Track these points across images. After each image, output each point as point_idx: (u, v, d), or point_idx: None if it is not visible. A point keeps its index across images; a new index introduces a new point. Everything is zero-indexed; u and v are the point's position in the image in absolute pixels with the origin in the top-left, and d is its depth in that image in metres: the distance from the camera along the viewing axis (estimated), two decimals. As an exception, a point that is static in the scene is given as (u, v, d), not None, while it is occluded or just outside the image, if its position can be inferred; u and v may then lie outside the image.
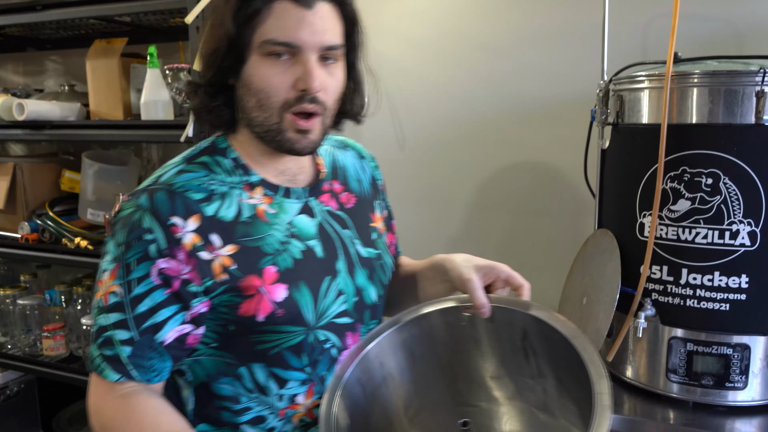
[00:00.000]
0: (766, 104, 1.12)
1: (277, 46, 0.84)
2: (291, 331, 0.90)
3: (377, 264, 1.03)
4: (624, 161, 1.32)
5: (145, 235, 0.83)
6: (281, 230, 0.91)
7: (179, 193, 0.86)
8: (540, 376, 0.95)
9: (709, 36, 1.56)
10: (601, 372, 0.82)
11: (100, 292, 0.86)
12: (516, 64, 1.78)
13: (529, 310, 0.92)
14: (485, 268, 0.97)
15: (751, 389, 1.21)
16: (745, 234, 1.16)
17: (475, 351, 0.99)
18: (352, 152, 1.12)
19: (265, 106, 0.87)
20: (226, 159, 0.92)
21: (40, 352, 2.03)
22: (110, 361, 0.84)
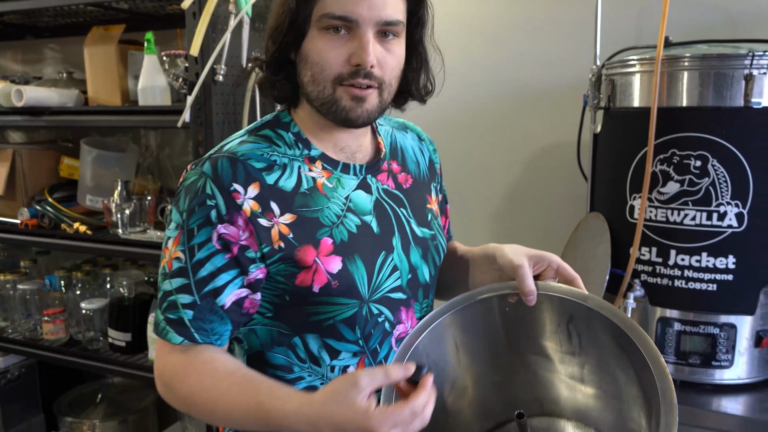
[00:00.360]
0: (754, 87, 1.14)
1: (334, 20, 0.84)
2: (345, 303, 0.91)
3: (431, 244, 1.03)
4: (615, 145, 1.34)
5: (208, 201, 0.85)
6: (338, 204, 0.92)
7: (241, 161, 0.87)
8: (581, 354, 0.98)
9: (702, 21, 1.57)
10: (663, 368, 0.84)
11: (165, 259, 0.88)
12: (513, 51, 1.79)
13: (580, 300, 0.93)
14: (536, 257, 0.96)
15: (738, 368, 1.24)
16: (732, 215, 1.18)
17: (519, 331, 1.01)
18: (411, 134, 1.12)
19: (318, 79, 0.87)
20: (288, 133, 0.94)
21: (40, 336, 2.06)
22: (174, 324, 0.86)
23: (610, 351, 0.96)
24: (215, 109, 1.59)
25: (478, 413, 1.07)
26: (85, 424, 2.16)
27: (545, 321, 1.00)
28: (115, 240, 1.82)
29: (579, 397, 1.03)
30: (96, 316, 1.97)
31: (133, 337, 1.90)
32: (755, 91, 1.13)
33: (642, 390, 0.92)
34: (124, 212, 1.82)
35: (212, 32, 1.55)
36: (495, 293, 0.99)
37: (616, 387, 0.98)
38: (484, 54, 1.83)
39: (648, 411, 0.89)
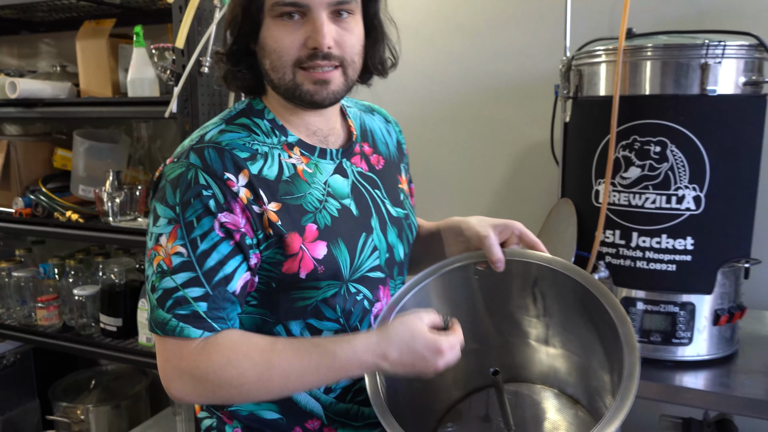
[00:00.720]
0: (709, 75, 1.19)
1: (285, 6, 0.85)
2: (327, 284, 0.93)
3: (405, 223, 1.07)
4: (582, 133, 1.39)
5: (204, 191, 0.84)
6: (319, 189, 0.94)
7: (227, 151, 0.88)
8: (546, 315, 1.06)
9: (673, 13, 1.63)
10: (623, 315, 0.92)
11: (159, 257, 0.85)
12: (490, 44, 1.85)
13: (546, 263, 1.00)
14: (500, 226, 1.02)
15: (697, 345, 1.29)
16: (690, 198, 1.23)
17: (488, 298, 1.08)
18: (378, 116, 1.14)
19: (277, 66, 0.89)
20: (264, 120, 0.95)
21: (34, 322, 2.12)
22: (188, 319, 0.83)
23: (574, 310, 1.02)
24: (201, 100, 1.65)
25: (456, 379, 1.12)
26: (79, 409, 2.22)
27: (512, 286, 1.05)
28: (107, 228, 1.87)
29: (545, 359, 1.10)
30: (88, 303, 2.03)
31: (124, 322, 1.96)
32: (710, 79, 1.19)
33: (604, 347, 0.98)
34: (115, 201, 1.88)
35: (198, 25, 1.60)
36: (465, 262, 1.04)
37: (580, 345, 1.04)
38: (461, 47, 1.88)
39: (610, 366, 0.96)
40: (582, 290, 0.96)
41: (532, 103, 1.78)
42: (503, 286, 1.06)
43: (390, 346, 0.85)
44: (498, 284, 1.05)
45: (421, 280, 1.03)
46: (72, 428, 2.22)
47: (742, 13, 1.56)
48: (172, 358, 0.85)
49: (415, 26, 1.92)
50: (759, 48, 1.22)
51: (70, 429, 2.23)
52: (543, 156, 1.70)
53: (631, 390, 0.84)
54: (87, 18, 2.17)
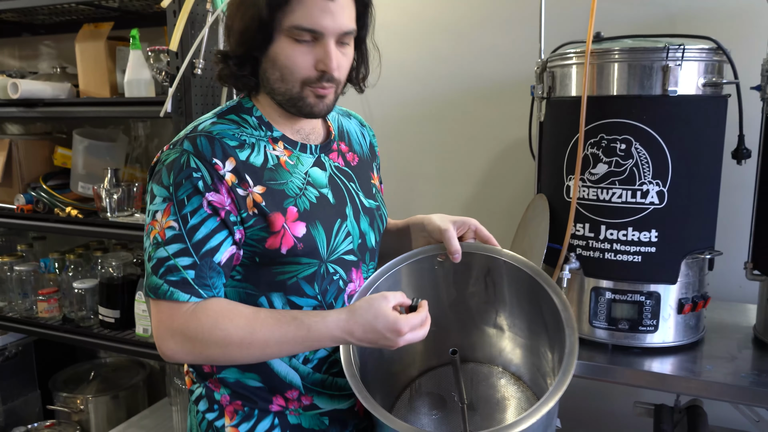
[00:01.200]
0: (670, 77, 1.26)
1: (303, 32, 0.96)
2: (307, 262, 1.04)
3: (377, 213, 1.19)
4: (555, 131, 1.46)
5: (194, 173, 0.96)
6: (299, 178, 1.06)
7: (217, 139, 0.99)
8: (496, 301, 1.19)
9: (643, 17, 1.70)
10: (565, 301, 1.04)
11: (154, 230, 0.96)
12: (473, 46, 1.92)
13: (497, 255, 1.13)
14: (458, 222, 1.16)
15: (662, 332, 1.36)
16: (654, 193, 1.31)
17: (447, 286, 1.20)
18: (354, 121, 1.27)
19: (287, 80, 1.00)
20: (252, 117, 1.06)
21: (35, 315, 2.19)
22: (177, 285, 0.95)
23: (522, 297, 1.14)
24: (194, 100, 1.72)
25: (416, 358, 1.23)
26: (79, 399, 2.30)
27: (468, 276, 1.17)
28: (105, 223, 1.95)
29: (495, 341, 1.22)
30: (88, 296, 2.11)
31: (122, 314, 2.03)
32: (671, 80, 1.26)
33: (548, 330, 1.10)
34: (113, 197, 1.95)
35: (191, 29, 1.68)
36: (429, 254, 1.16)
37: (527, 329, 1.16)
38: (448, 49, 1.95)
39: (551, 347, 1.06)
40: (529, 279, 1.09)
41: (511, 102, 1.86)
42: (460, 276, 1.18)
43: (355, 324, 0.95)
44: (456, 274, 1.17)
45: (391, 268, 1.14)
46: (72, 417, 2.30)
47: (709, 17, 1.63)
48: (165, 319, 0.96)
49: (400, 28, 1.99)
50: (718, 51, 1.29)
51: (70, 418, 2.31)
52: (522, 153, 1.77)
53: (572, 365, 0.95)
54: (86, 21, 2.25)
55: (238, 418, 1.09)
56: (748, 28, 1.55)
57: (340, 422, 1.15)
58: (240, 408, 1.10)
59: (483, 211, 1.99)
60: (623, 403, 1.83)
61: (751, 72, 1.38)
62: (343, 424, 1.16)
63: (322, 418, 1.13)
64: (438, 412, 1.21)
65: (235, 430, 1.09)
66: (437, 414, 1.21)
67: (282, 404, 1.10)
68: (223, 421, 1.10)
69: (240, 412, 1.09)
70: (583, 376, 1.37)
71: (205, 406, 1.12)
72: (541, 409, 0.92)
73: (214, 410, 1.11)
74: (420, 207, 2.08)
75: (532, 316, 1.14)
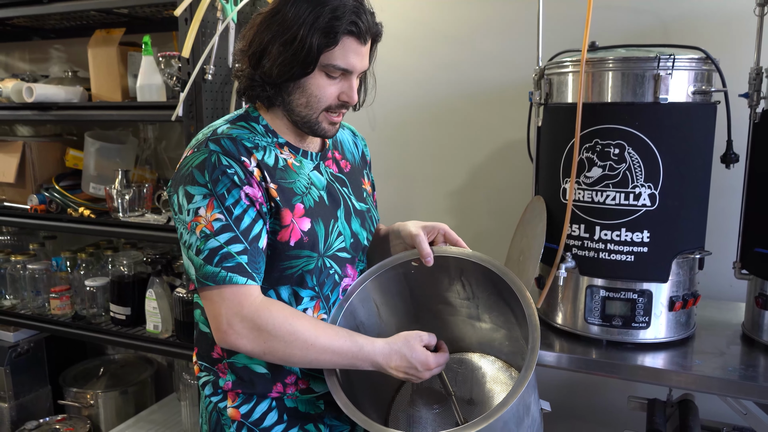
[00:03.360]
0: (661, 85, 1.32)
1: (337, 70, 1.10)
2: (307, 255, 1.14)
3: (367, 215, 1.30)
4: (552, 136, 1.52)
5: (228, 170, 1.05)
6: (304, 179, 1.17)
7: (238, 140, 1.10)
8: (474, 298, 1.29)
9: (638, 26, 1.77)
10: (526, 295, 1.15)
11: (200, 225, 1.04)
12: (474, 53, 1.99)
13: (465, 257, 1.23)
14: (428, 227, 1.27)
15: (654, 329, 1.43)
16: (646, 196, 1.37)
17: (427, 288, 1.30)
18: (348, 131, 1.38)
19: (312, 106, 1.13)
20: (259, 125, 1.17)
21: (48, 312, 2.25)
22: (234, 270, 1.03)
23: (494, 293, 1.25)
24: (205, 105, 1.78)
25: None
26: (89, 394, 2.36)
27: (444, 276, 1.28)
28: (116, 223, 2.01)
29: (478, 332, 1.32)
30: (99, 293, 2.17)
31: (132, 311, 2.10)
32: (662, 88, 1.32)
33: (519, 322, 1.20)
34: (124, 198, 2.02)
35: (202, 36, 1.74)
36: (403, 260, 1.27)
37: (504, 320, 1.26)
38: (449, 55, 2.02)
39: (524, 335, 1.16)
40: (497, 277, 1.19)
41: (510, 107, 1.92)
42: (437, 277, 1.28)
43: (395, 354, 1.10)
44: (433, 276, 1.27)
45: (375, 272, 1.26)
46: (82, 412, 2.37)
47: (700, 26, 1.69)
48: (232, 305, 1.04)
49: (403, 35, 2.06)
50: (706, 61, 1.36)
51: (81, 413, 2.37)
52: (520, 157, 1.83)
53: (533, 361, 1.05)
54: (96, 25, 2.31)
55: (239, 400, 1.19)
56: (737, 37, 1.61)
57: (335, 407, 1.22)
58: (241, 393, 1.19)
59: (483, 212, 2.06)
60: (618, 397, 1.90)
61: (740, 80, 1.44)
62: (338, 409, 1.23)
63: (318, 402, 1.22)
64: (438, 406, 1.28)
65: (236, 410, 1.19)
66: (438, 408, 1.28)
67: (281, 390, 1.19)
68: (226, 403, 1.20)
69: (241, 396, 1.19)
70: (578, 370, 1.44)
71: (211, 390, 1.22)
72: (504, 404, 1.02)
73: (218, 394, 1.21)
74: (421, 208, 2.15)
75: (505, 309, 1.24)
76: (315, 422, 1.22)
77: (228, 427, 1.19)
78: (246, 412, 1.18)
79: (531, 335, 1.08)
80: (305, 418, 1.21)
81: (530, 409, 1.14)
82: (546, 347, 1.47)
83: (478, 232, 2.06)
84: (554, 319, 1.54)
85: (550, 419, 2.03)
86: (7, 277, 2.35)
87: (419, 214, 2.14)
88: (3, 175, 2.25)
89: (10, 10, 2.06)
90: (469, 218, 2.08)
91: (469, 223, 2.07)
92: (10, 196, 2.29)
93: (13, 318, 2.30)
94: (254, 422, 1.18)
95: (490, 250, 1.30)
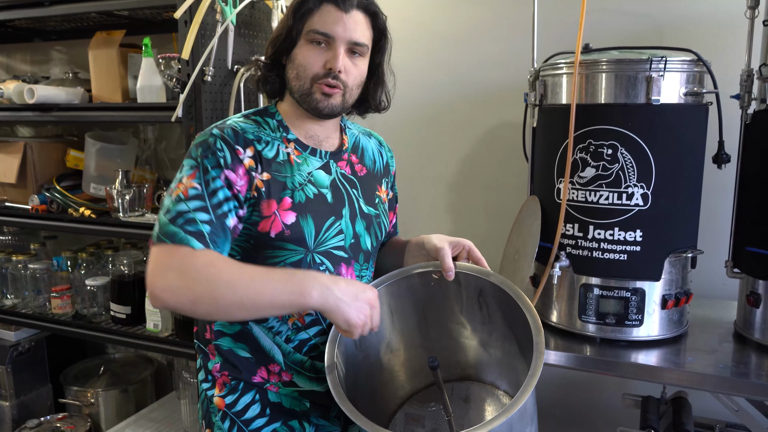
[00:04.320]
0: (653, 87, 1.35)
1: (317, 35, 1.15)
2: (293, 249, 1.16)
3: (375, 221, 1.31)
4: (546, 136, 1.55)
5: (218, 151, 1.12)
6: (302, 176, 1.20)
7: (240, 132, 1.16)
8: (490, 322, 1.27)
9: (632, 29, 1.79)
10: (539, 326, 1.11)
11: (177, 190, 1.09)
12: (471, 55, 2.01)
13: (485, 276, 1.22)
14: (454, 242, 1.27)
15: (647, 326, 1.45)
16: (638, 195, 1.39)
17: (442, 303, 1.29)
18: (374, 140, 1.41)
19: (301, 76, 1.17)
20: (273, 120, 1.23)
21: (49, 311, 2.27)
22: (194, 234, 1.05)
23: (507, 317, 1.21)
24: (204, 106, 1.80)
25: (410, 374, 1.32)
26: (90, 393, 2.38)
27: (462, 295, 1.26)
28: (117, 223, 2.03)
29: (487, 359, 1.28)
30: (99, 292, 2.19)
31: (133, 309, 2.11)
32: (654, 90, 1.34)
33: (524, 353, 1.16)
34: (125, 198, 2.04)
35: (201, 38, 1.76)
36: (423, 270, 1.26)
37: (512, 348, 1.22)
38: (448, 57, 2.04)
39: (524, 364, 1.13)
40: (511, 300, 1.17)
41: (506, 108, 1.94)
42: (455, 294, 1.27)
43: (342, 280, 1.08)
44: (450, 292, 1.26)
45: (388, 279, 1.26)
46: (83, 411, 2.39)
47: (693, 29, 1.72)
48: (163, 258, 1.03)
49: (402, 37, 2.06)
50: (698, 63, 1.38)
51: (81, 411, 2.39)
52: (516, 157, 1.85)
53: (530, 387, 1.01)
54: (97, 27, 2.33)
55: (225, 390, 1.23)
56: (729, 39, 1.63)
57: (321, 407, 1.26)
58: (228, 381, 1.23)
59: (479, 211, 2.08)
60: (612, 395, 1.92)
61: (732, 81, 1.46)
62: (325, 409, 1.27)
63: (303, 400, 1.24)
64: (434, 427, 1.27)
65: (221, 400, 1.23)
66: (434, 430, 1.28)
67: (264, 376, 1.22)
68: (214, 391, 1.24)
69: (228, 385, 1.23)
70: (573, 368, 1.46)
71: (203, 376, 1.27)
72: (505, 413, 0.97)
73: (208, 381, 1.26)
74: (418, 208, 2.17)
75: (511, 335, 1.22)
76: (300, 419, 1.24)
77: (214, 416, 1.24)
78: (230, 403, 1.22)
79: (534, 362, 1.04)
80: (289, 414, 1.24)
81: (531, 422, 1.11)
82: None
83: (475, 232, 2.08)
84: (549, 317, 1.56)
85: (543, 416, 2.05)
86: (8, 276, 2.37)
87: (417, 214, 2.16)
88: (4, 176, 2.27)
89: (12, 13, 2.08)
90: (466, 217, 2.10)
91: (467, 223, 2.10)
92: (11, 196, 2.31)
93: (15, 317, 2.31)
94: (237, 413, 1.22)
95: (487, 249, 1.31)
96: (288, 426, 1.23)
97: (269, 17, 1.93)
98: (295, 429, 1.24)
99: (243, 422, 1.22)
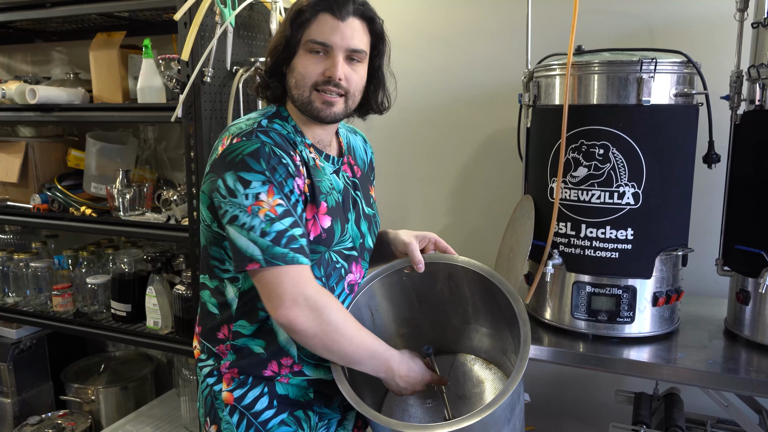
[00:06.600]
0: (644, 88, 1.37)
1: (315, 44, 1.16)
2: (318, 251, 1.20)
3: (373, 220, 1.37)
4: (540, 137, 1.57)
5: (283, 160, 1.12)
6: (328, 180, 1.24)
7: (284, 136, 1.17)
8: (462, 300, 1.36)
9: (624, 30, 1.81)
10: (517, 297, 1.21)
11: (263, 209, 1.09)
12: (466, 56, 2.03)
13: (453, 261, 1.32)
14: (420, 236, 1.35)
15: (639, 323, 1.47)
16: (629, 195, 1.42)
17: (424, 290, 1.37)
18: (359, 137, 1.44)
19: (300, 85, 1.18)
20: (288, 124, 1.23)
21: (50, 309, 2.30)
22: (299, 251, 1.09)
23: (482, 295, 1.31)
24: (204, 106, 1.83)
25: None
26: (90, 390, 2.40)
27: (435, 281, 1.35)
28: (117, 222, 2.06)
29: (466, 333, 1.38)
30: (100, 291, 2.21)
31: (133, 307, 2.14)
32: (645, 91, 1.37)
33: (507, 321, 1.26)
34: (125, 197, 2.06)
35: (201, 40, 1.78)
36: (397, 268, 1.34)
37: (492, 321, 1.33)
38: (442, 58, 2.07)
39: (511, 331, 1.24)
40: (483, 279, 1.26)
41: (501, 109, 1.97)
42: (429, 283, 1.35)
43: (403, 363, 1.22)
44: (424, 281, 1.35)
45: (375, 277, 1.33)
46: (83, 408, 2.41)
47: (684, 30, 1.75)
48: (298, 284, 1.09)
49: (398, 38, 2.08)
50: (688, 64, 1.40)
51: (82, 408, 2.41)
52: (511, 157, 1.88)
53: (527, 353, 1.12)
54: (97, 28, 2.35)
55: (234, 385, 1.24)
56: (719, 41, 1.66)
57: (324, 396, 1.29)
58: (236, 376, 1.24)
59: (474, 210, 2.11)
60: (605, 392, 1.94)
61: (722, 82, 1.49)
62: (328, 398, 1.30)
63: (308, 390, 1.27)
64: (431, 401, 1.32)
65: (229, 394, 1.24)
66: (431, 402, 1.32)
67: (275, 370, 1.24)
68: (221, 386, 1.25)
69: (236, 380, 1.24)
70: (565, 364, 1.48)
71: (208, 372, 1.28)
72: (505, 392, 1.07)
73: (214, 375, 1.27)
74: (414, 207, 2.20)
75: (491, 309, 1.31)
76: (304, 409, 1.27)
77: (221, 411, 1.24)
78: (239, 396, 1.23)
79: (522, 329, 1.14)
80: (295, 404, 1.26)
81: (521, 397, 1.20)
82: (534, 342, 1.51)
83: (470, 231, 2.11)
84: (542, 314, 1.59)
85: (538, 412, 2.09)
86: (10, 275, 2.40)
87: (414, 213, 2.19)
88: (6, 175, 2.30)
89: (13, 14, 2.11)
90: (462, 217, 2.13)
91: (462, 222, 2.12)
92: (13, 195, 2.33)
93: (16, 315, 2.34)
94: (246, 406, 1.24)
95: (482, 248, 1.36)
96: (294, 416, 1.26)
97: (267, 19, 1.96)
98: (301, 418, 1.27)
99: (252, 415, 1.24)
